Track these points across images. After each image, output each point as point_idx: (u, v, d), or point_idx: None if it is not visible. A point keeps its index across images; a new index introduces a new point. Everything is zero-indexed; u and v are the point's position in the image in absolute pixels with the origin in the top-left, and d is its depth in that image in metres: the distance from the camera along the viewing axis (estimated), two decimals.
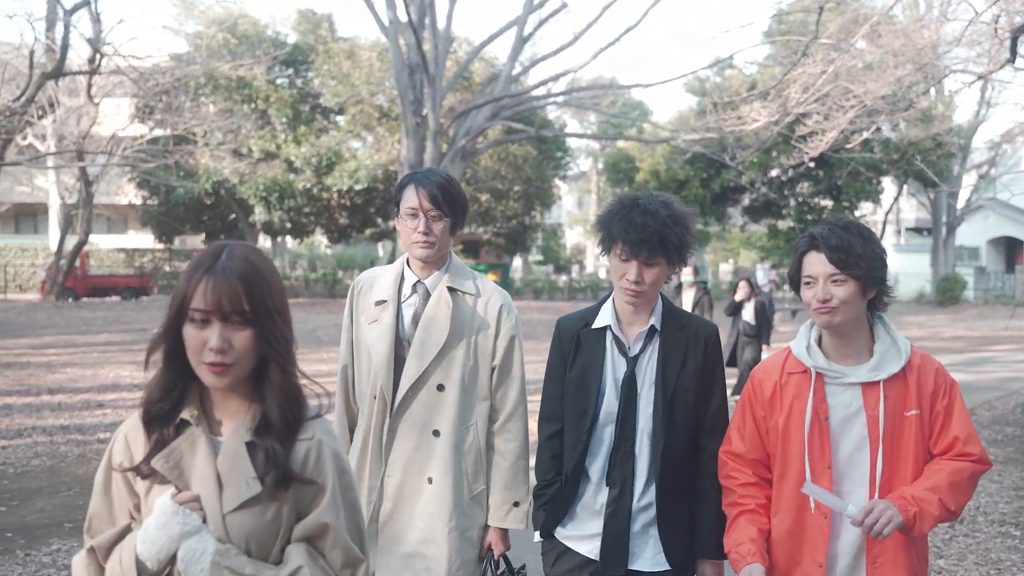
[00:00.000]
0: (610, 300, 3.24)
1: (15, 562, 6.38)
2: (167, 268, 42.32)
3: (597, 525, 3.13)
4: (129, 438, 2.16)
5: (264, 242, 44.55)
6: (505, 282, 43.70)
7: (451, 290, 3.46)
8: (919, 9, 21.38)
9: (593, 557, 3.13)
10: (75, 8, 23.84)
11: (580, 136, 43.22)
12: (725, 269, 57.55)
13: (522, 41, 27.06)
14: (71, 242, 35.56)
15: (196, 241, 45.49)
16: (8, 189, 44.55)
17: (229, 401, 2.13)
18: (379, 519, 3.43)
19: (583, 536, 3.17)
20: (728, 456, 3.09)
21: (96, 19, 25.04)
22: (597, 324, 3.20)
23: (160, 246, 42.02)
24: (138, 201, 40.10)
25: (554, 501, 3.23)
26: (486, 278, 3.63)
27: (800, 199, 40.12)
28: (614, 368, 3.14)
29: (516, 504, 3.48)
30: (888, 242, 49.84)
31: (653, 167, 39.60)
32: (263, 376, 2.08)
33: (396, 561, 3.42)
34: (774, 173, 38.03)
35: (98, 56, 24.45)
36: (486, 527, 3.50)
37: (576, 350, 3.21)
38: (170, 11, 41.64)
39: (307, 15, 38.16)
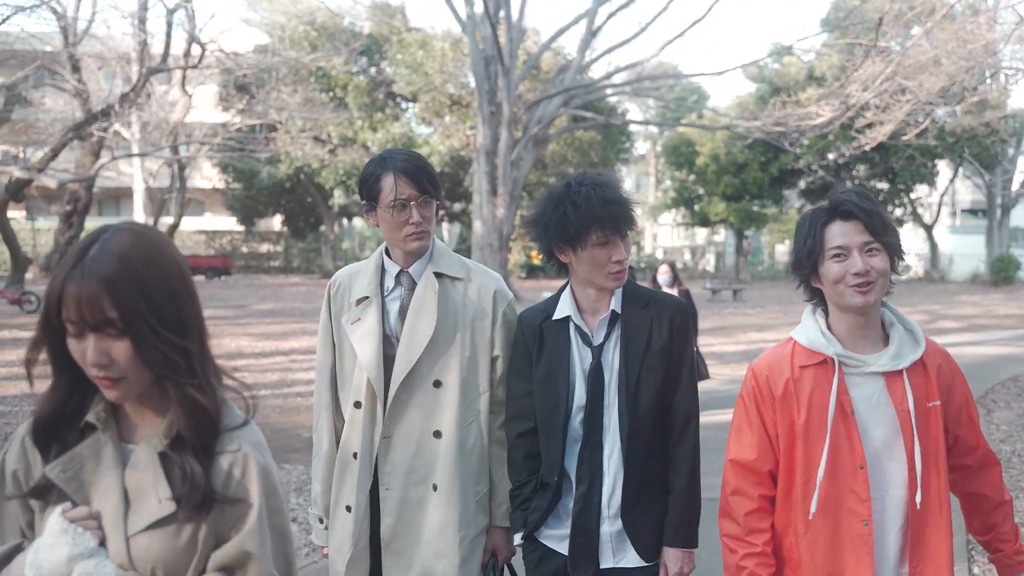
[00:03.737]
0: (568, 290, 3.07)
1: None
2: (244, 249, 44.35)
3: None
4: (27, 443, 1.86)
5: (335, 225, 46.33)
6: None
7: (438, 275, 3.15)
8: None
9: None
10: (176, 7, 25.68)
11: (647, 123, 44.36)
12: (781, 250, 58.37)
13: (592, 33, 28.37)
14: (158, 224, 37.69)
15: (275, 223, 47.49)
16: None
17: (144, 405, 1.83)
18: (381, 538, 3.12)
19: (563, 536, 3.01)
20: (735, 467, 2.73)
21: (191, 17, 26.93)
22: (558, 315, 3.03)
23: (240, 228, 44.05)
24: (221, 185, 42.13)
25: (532, 501, 3.07)
26: (474, 261, 3.36)
27: (856, 182, 41.00)
28: (581, 360, 2.99)
29: None
30: (943, 223, 50.44)
31: (713, 151, 40.80)
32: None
33: None
34: (831, 157, 38.98)
35: (199, 49, 26.31)
36: (488, 530, 3.21)
37: (540, 344, 3.04)
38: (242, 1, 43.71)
39: (381, 7, 39.79)
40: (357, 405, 3.13)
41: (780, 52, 36.12)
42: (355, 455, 3.12)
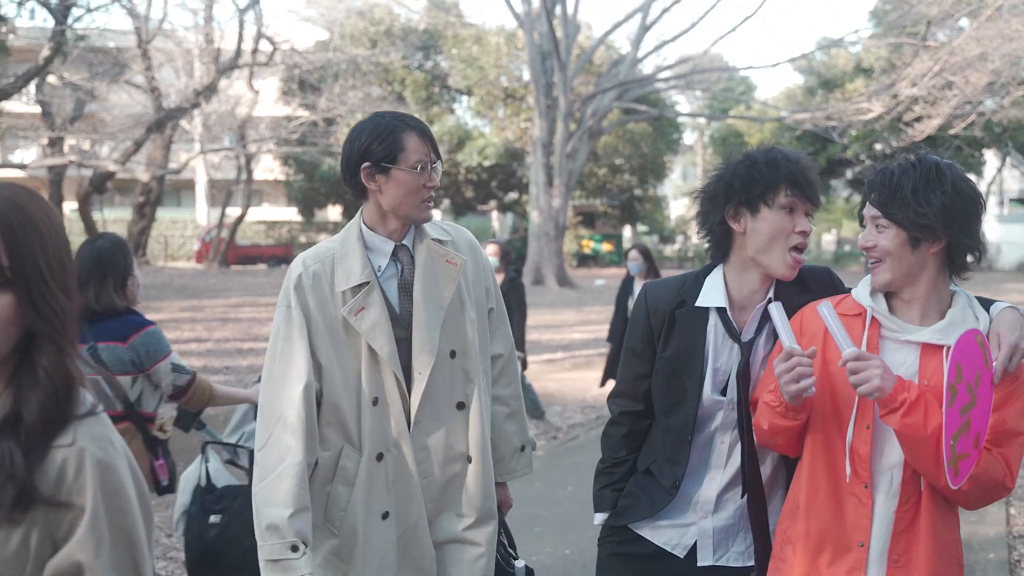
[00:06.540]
0: (719, 276, 2.72)
1: None
2: (302, 239, 45.67)
3: (683, 519, 2.76)
4: None
5: None
6: (619, 250, 46.10)
7: (436, 241, 2.90)
8: None
9: (669, 549, 2.77)
10: (247, 7, 26.88)
11: (698, 116, 45.07)
12: (828, 239, 58.74)
13: (645, 28, 29.24)
14: (217, 214, 39.12)
15: (335, 213, 48.80)
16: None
17: None
18: (428, 520, 2.89)
19: (657, 526, 2.81)
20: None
21: (259, 17, 28.14)
22: (703, 303, 2.69)
23: (299, 218, 45.45)
24: (281, 177, 43.50)
25: (624, 483, 2.89)
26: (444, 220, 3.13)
27: None
28: (716, 355, 2.68)
29: (522, 448, 3.12)
30: (991, 212, 50.65)
31: (761, 142, 41.39)
32: (28, 357, 1.55)
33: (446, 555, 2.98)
34: (878, 147, 39.52)
35: (268, 46, 27.56)
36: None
37: (669, 331, 2.73)
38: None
39: (437, 3, 40.86)
40: (375, 402, 2.80)
41: (829, 45, 36.74)
42: (379, 456, 2.81)
